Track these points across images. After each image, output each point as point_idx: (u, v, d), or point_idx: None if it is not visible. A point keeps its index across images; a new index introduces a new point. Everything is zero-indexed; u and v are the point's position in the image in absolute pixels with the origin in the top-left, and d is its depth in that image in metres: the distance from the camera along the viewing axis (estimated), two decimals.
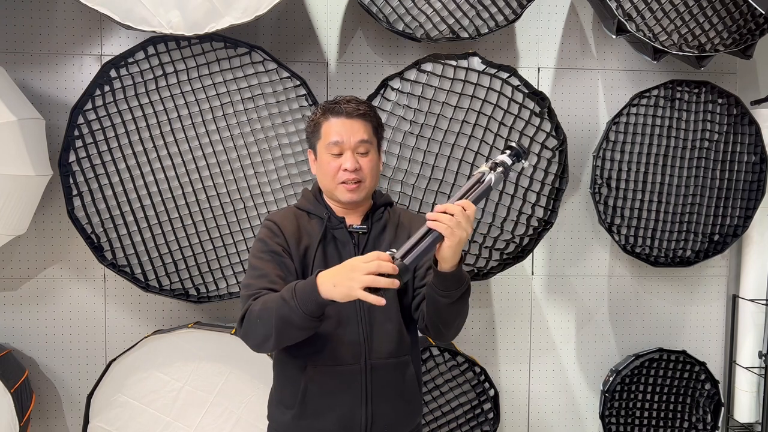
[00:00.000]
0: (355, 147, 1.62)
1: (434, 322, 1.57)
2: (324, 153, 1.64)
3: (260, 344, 1.51)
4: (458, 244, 1.40)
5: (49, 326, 2.65)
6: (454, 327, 1.59)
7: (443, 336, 1.62)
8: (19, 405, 2.35)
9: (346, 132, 1.62)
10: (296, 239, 1.63)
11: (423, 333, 1.67)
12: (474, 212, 1.43)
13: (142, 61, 2.35)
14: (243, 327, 1.52)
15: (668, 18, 2.51)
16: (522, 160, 1.58)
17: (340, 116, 1.63)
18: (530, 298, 2.91)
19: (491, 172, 1.51)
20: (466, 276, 1.51)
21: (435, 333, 1.61)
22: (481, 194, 1.49)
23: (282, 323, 1.43)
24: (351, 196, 1.63)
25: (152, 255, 2.42)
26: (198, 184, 2.41)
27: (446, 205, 1.41)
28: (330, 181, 1.64)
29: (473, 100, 2.44)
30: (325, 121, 1.64)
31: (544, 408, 2.96)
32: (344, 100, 1.65)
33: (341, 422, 1.60)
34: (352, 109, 1.63)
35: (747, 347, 2.92)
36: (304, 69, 2.69)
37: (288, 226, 1.64)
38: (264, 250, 1.60)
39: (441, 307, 1.52)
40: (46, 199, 2.55)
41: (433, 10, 2.43)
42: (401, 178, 2.44)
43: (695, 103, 2.73)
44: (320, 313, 1.44)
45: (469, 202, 1.43)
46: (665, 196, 2.73)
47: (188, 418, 2.38)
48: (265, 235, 1.63)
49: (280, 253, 1.59)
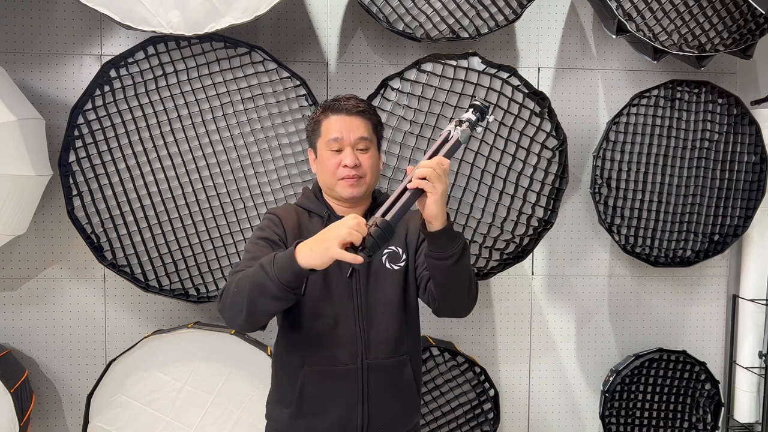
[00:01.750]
0: (354, 143, 1.63)
1: (445, 295, 1.56)
2: (324, 150, 1.65)
3: (234, 317, 1.47)
4: (442, 197, 1.44)
5: (49, 326, 2.65)
6: (467, 293, 1.57)
7: (460, 307, 1.61)
8: (19, 405, 2.35)
9: (346, 128, 1.63)
10: (296, 234, 1.63)
11: (441, 314, 1.64)
12: (449, 166, 1.47)
13: (142, 61, 2.35)
14: (221, 300, 1.51)
15: (668, 18, 2.51)
16: (486, 115, 1.61)
17: (339, 113, 1.64)
18: (530, 298, 2.91)
19: (457, 129, 1.54)
20: (459, 233, 1.52)
21: (451, 307, 1.60)
22: (451, 150, 1.52)
23: (256, 290, 1.41)
24: (351, 191, 1.64)
25: (152, 255, 2.42)
26: (198, 184, 2.41)
27: (421, 163, 1.44)
28: (330, 177, 1.64)
29: (473, 101, 2.43)
30: (325, 119, 1.66)
31: (544, 408, 2.96)
32: (344, 98, 1.67)
33: (338, 421, 1.61)
34: (352, 107, 1.65)
35: (747, 347, 2.92)
36: (304, 69, 2.69)
37: (289, 220, 1.66)
38: (260, 237, 1.61)
39: (446, 274, 1.51)
40: (46, 199, 2.55)
41: (433, 10, 2.43)
42: (401, 178, 2.44)
43: (695, 103, 2.73)
44: (297, 284, 1.41)
45: (441, 157, 1.47)
46: (665, 196, 2.73)
47: (188, 418, 2.38)
48: (265, 225, 1.65)
49: (276, 242, 1.60)
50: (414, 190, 1.44)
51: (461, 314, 1.63)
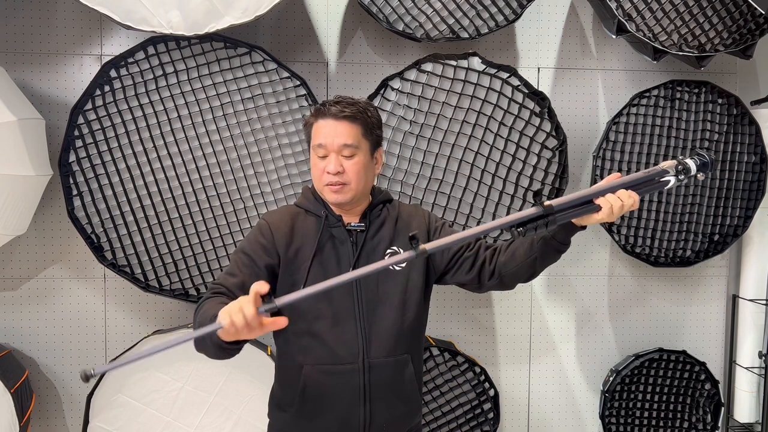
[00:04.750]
0: (338, 150, 1.59)
1: (528, 270, 1.63)
2: (312, 154, 1.64)
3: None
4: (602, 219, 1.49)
5: (49, 326, 2.65)
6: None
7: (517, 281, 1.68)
8: (19, 405, 2.35)
9: (330, 135, 1.59)
10: (287, 241, 1.62)
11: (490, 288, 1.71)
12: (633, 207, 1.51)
13: (142, 61, 2.35)
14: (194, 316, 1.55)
15: (668, 18, 2.51)
16: (707, 172, 1.56)
17: (325, 118, 1.60)
18: (530, 298, 2.91)
19: (674, 176, 1.54)
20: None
21: (515, 280, 1.67)
22: (651, 190, 1.54)
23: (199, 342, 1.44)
24: (336, 197, 1.62)
25: (152, 255, 2.42)
26: (198, 184, 2.41)
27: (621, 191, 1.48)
28: (317, 182, 1.64)
29: (473, 100, 2.44)
30: (314, 122, 1.63)
31: (544, 408, 2.96)
32: (332, 102, 1.62)
33: (339, 421, 1.61)
34: (338, 111, 1.59)
35: (747, 347, 2.92)
36: (304, 69, 2.69)
37: (281, 227, 1.63)
38: (246, 251, 1.61)
39: (550, 257, 1.60)
40: (46, 199, 2.55)
41: (433, 10, 2.43)
42: (401, 178, 2.44)
43: (695, 103, 2.73)
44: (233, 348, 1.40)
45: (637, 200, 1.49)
46: (665, 196, 2.73)
47: (188, 418, 2.38)
48: (254, 235, 1.64)
49: (257, 263, 1.58)
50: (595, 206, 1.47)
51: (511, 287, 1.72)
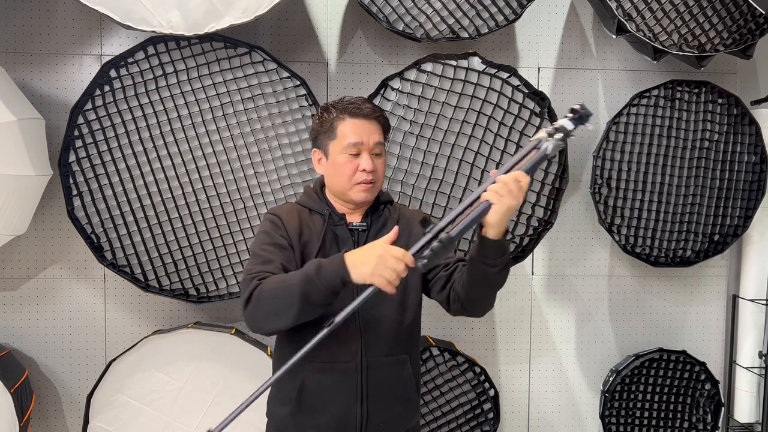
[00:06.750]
0: (372, 148, 1.63)
1: (473, 295, 1.58)
2: (339, 153, 1.63)
3: (269, 322, 1.49)
4: (506, 211, 1.42)
5: (49, 326, 2.65)
6: (493, 299, 1.63)
7: (481, 310, 1.64)
8: (19, 405, 2.35)
9: (365, 133, 1.63)
10: (298, 233, 1.64)
11: (458, 314, 1.66)
12: (528, 182, 1.44)
13: (142, 61, 2.35)
14: (250, 306, 1.50)
15: (668, 18, 2.51)
16: (585, 123, 1.46)
17: (358, 117, 1.63)
18: (530, 298, 2.91)
19: (549, 139, 1.45)
20: (508, 248, 1.54)
21: (473, 307, 1.63)
22: (536, 163, 1.45)
23: (303, 300, 1.44)
24: (366, 195, 1.65)
25: (152, 255, 2.42)
26: (198, 184, 2.41)
27: (498, 177, 1.42)
28: (346, 181, 1.64)
29: (473, 100, 2.44)
30: (341, 122, 1.64)
31: (544, 408, 2.96)
32: (360, 101, 1.66)
33: (337, 419, 1.61)
34: (370, 111, 1.64)
35: (747, 347, 2.92)
36: (304, 69, 2.69)
37: (290, 220, 1.65)
38: (268, 242, 1.61)
39: (487, 277, 1.52)
40: (46, 199, 2.55)
41: (433, 10, 2.43)
42: (401, 178, 2.44)
43: (695, 103, 2.73)
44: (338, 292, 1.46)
45: (521, 172, 1.43)
46: (665, 196, 2.73)
47: (188, 418, 2.38)
48: (270, 228, 1.64)
49: (284, 246, 1.61)
50: (484, 203, 1.40)
51: (479, 315, 1.66)
